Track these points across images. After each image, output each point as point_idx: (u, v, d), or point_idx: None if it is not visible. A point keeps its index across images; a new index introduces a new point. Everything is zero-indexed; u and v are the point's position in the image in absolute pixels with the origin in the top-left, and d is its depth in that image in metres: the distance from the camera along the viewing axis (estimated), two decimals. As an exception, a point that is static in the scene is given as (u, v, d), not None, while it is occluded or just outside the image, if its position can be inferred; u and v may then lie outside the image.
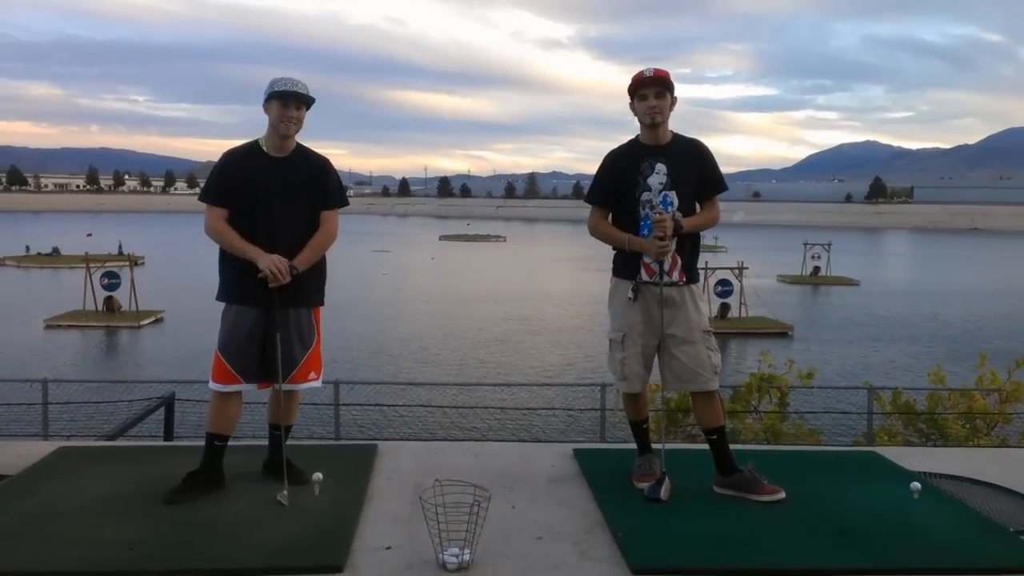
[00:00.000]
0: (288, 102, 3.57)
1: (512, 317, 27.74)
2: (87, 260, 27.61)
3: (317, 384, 3.80)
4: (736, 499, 3.61)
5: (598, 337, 24.30)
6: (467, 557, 2.88)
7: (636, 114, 3.73)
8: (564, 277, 41.93)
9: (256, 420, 9.48)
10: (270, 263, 3.47)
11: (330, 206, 3.73)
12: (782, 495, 3.59)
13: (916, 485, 3.69)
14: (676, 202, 3.68)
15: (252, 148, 3.66)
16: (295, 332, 3.67)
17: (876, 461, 4.37)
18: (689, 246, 3.77)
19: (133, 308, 26.25)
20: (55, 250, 45.28)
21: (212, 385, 3.62)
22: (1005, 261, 57.07)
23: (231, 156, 3.66)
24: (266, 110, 3.61)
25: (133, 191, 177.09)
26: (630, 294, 3.71)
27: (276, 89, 3.58)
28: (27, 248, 46.32)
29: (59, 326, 24.54)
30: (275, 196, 3.58)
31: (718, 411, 3.73)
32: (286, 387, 3.66)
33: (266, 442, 3.88)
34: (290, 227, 3.61)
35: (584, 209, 3.96)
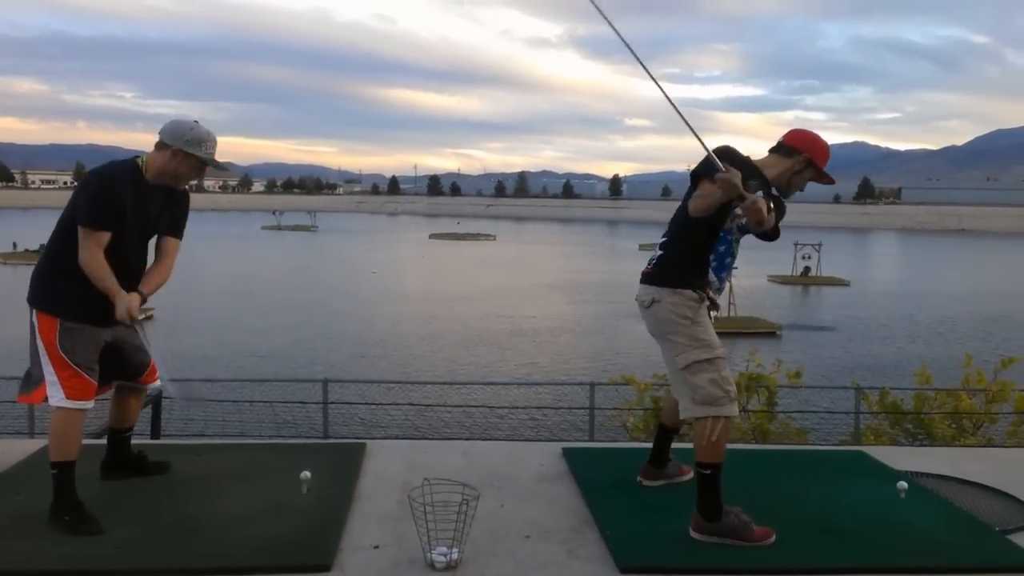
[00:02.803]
0: (206, 169, 3.49)
1: (501, 316, 27.74)
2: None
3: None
4: (724, 499, 3.62)
5: (582, 337, 24.38)
6: (455, 556, 2.88)
7: (801, 182, 3.51)
8: (552, 276, 41.95)
9: (248, 419, 9.47)
10: (129, 309, 3.34)
11: (180, 236, 3.65)
12: (688, 477, 3.69)
13: (903, 484, 3.71)
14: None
15: (134, 173, 3.41)
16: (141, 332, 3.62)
17: (863, 460, 4.39)
18: None
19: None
20: (43, 247, 44.95)
21: (75, 403, 3.29)
22: (991, 263, 57.41)
23: (115, 178, 3.36)
24: (172, 154, 3.39)
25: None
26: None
27: (206, 156, 3.43)
28: (14, 245, 45.96)
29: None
30: (146, 226, 3.48)
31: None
32: (147, 385, 3.73)
33: (257, 440, 3.85)
34: (145, 255, 3.56)
35: (572, 208, 3.94)
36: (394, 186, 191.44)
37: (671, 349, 3.29)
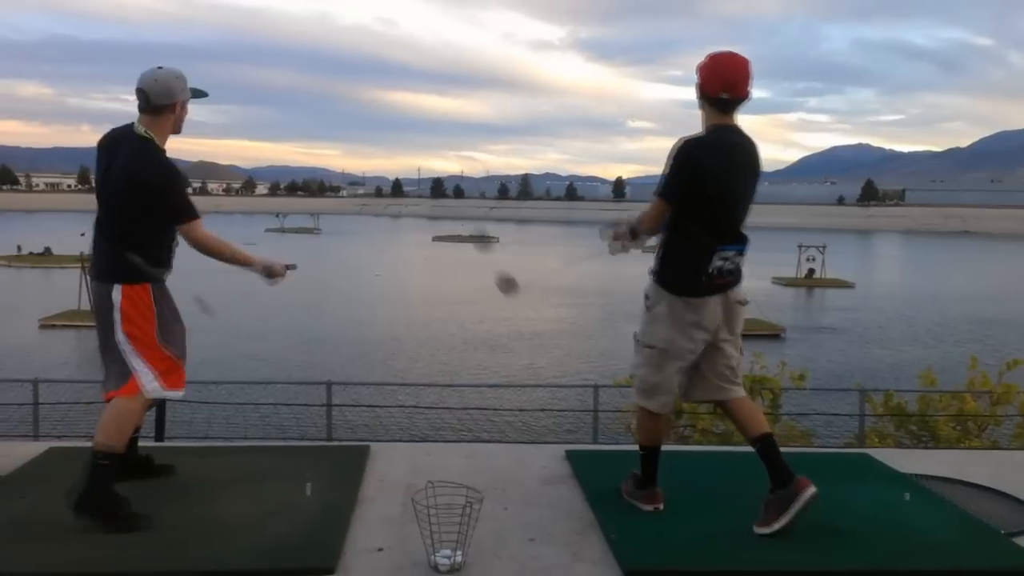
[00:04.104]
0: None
1: (503, 318, 27.72)
2: (82, 259, 27.46)
3: None
4: (728, 501, 3.61)
5: (584, 340, 24.36)
6: (459, 559, 2.88)
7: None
8: (555, 278, 41.89)
9: (252, 422, 9.47)
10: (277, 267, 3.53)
11: None
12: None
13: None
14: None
15: None
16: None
17: (868, 463, 4.38)
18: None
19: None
20: (47, 250, 45.02)
21: (174, 393, 3.39)
22: (995, 264, 57.29)
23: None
24: (181, 105, 3.39)
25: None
26: None
27: (195, 88, 3.44)
28: (18, 248, 46.01)
29: (54, 326, 24.43)
30: None
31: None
32: None
33: (260, 443, 3.85)
34: None
35: (576, 211, 3.87)
36: (397, 188, 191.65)
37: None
